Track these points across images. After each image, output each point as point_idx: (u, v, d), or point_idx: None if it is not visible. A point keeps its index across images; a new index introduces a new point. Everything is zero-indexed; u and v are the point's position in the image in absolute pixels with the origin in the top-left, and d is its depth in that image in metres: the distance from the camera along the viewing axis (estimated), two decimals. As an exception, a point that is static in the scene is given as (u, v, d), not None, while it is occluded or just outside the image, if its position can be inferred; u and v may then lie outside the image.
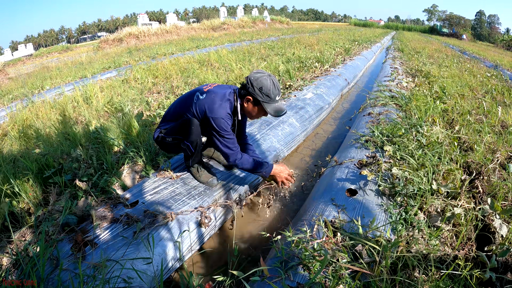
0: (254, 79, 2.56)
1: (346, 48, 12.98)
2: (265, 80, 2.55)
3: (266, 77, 2.57)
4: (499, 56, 23.07)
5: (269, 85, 2.55)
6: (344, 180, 2.93)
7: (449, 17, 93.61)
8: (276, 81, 2.61)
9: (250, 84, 2.57)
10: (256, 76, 2.57)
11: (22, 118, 5.51)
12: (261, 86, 2.54)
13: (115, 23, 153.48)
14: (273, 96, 2.59)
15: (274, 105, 2.63)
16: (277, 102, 2.66)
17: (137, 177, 3.21)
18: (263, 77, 2.57)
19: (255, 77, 2.57)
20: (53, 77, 13.07)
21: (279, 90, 2.64)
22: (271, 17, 52.92)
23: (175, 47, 19.86)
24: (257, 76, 2.57)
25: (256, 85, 2.55)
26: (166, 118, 2.95)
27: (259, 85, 2.54)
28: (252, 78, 2.57)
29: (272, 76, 2.62)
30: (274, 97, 2.60)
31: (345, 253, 1.93)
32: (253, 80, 2.56)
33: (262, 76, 2.57)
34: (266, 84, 2.54)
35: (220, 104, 2.62)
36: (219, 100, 2.64)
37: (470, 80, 7.89)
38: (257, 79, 2.56)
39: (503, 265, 2.06)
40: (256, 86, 2.55)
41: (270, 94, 2.57)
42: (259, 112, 2.74)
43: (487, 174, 3.04)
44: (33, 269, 1.88)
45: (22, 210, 2.71)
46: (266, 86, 2.54)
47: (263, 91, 2.55)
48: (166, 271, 2.26)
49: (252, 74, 2.60)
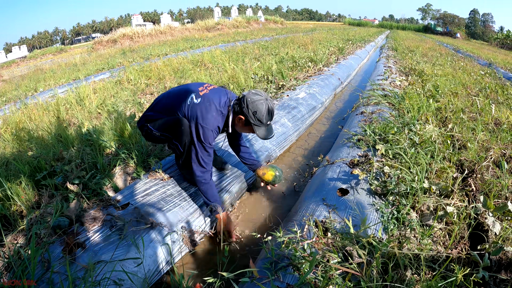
0: (250, 102, 2.52)
1: (340, 48, 12.98)
2: (260, 105, 2.52)
3: (263, 102, 2.54)
4: (493, 54, 23.24)
5: (263, 112, 2.53)
6: (336, 179, 2.92)
7: (443, 16, 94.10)
8: (272, 106, 2.60)
9: (246, 105, 2.53)
10: (253, 99, 2.53)
11: (15, 120, 5.47)
12: (256, 110, 2.51)
13: (109, 24, 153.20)
14: (265, 122, 2.57)
15: (264, 129, 2.63)
16: (268, 126, 2.65)
17: (128, 178, 3.18)
18: (260, 101, 2.53)
19: (252, 100, 2.53)
20: (47, 79, 13.05)
21: (273, 115, 2.64)
22: (265, 17, 53.10)
23: (169, 47, 19.85)
24: (254, 99, 2.53)
25: (251, 108, 2.52)
26: (155, 108, 2.85)
27: (254, 109, 2.52)
28: (248, 100, 2.53)
29: (269, 100, 2.60)
30: (266, 122, 2.58)
31: (336, 253, 1.91)
32: (249, 102, 2.52)
33: (259, 100, 2.53)
34: (261, 110, 2.52)
35: (212, 116, 2.57)
36: (213, 110, 2.59)
37: (464, 78, 7.92)
38: (253, 102, 2.52)
39: (497, 263, 2.04)
40: (251, 109, 2.52)
41: (263, 119, 2.55)
42: (248, 130, 2.73)
43: (480, 172, 3.04)
44: (24, 272, 1.86)
45: (14, 213, 2.68)
46: (260, 111, 2.52)
47: (256, 116, 2.52)
48: (156, 273, 2.24)
49: (250, 95, 2.56)
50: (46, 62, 26.88)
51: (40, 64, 25.87)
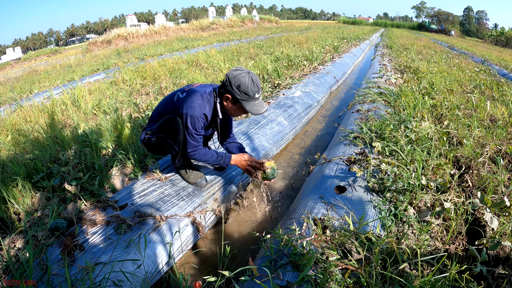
0: (232, 77, 2.49)
1: (335, 46, 12.99)
2: (243, 78, 2.48)
3: (245, 74, 2.49)
4: (487, 51, 23.29)
5: (247, 83, 2.47)
6: (333, 177, 2.92)
7: (437, 14, 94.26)
8: (256, 78, 2.54)
9: (228, 82, 2.50)
10: (234, 74, 2.50)
11: (10, 122, 5.44)
12: (239, 84, 2.47)
13: (104, 24, 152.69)
14: (251, 94, 2.50)
15: (253, 103, 2.56)
16: (256, 100, 2.58)
17: (126, 179, 3.17)
18: (241, 74, 2.49)
19: (233, 75, 2.50)
20: (42, 81, 12.96)
21: (259, 87, 2.56)
22: (260, 16, 53.06)
23: (163, 48, 19.77)
24: (235, 74, 2.50)
25: (234, 83, 2.48)
26: (151, 120, 2.91)
27: (237, 83, 2.47)
28: (230, 76, 2.50)
29: (252, 73, 2.54)
30: (253, 94, 2.51)
31: (335, 250, 1.92)
32: (231, 77, 2.49)
33: (241, 74, 2.49)
34: (244, 82, 2.47)
35: (198, 103, 2.56)
36: (197, 99, 2.58)
37: (459, 75, 7.95)
38: (235, 77, 2.48)
39: (494, 258, 2.06)
40: (234, 84, 2.48)
41: (249, 91, 2.49)
42: (239, 110, 2.66)
43: (476, 168, 3.05)
44: (22, 275, 1.85)
45: (11, 215, 2.67)
46: (244, 83, 2.47)
47: (241, 89, 2.48)
48: (156, 273, 2.24)
49: (231, 72, 2.53)
50: (40, 64, 26.71)
51: (34, 66, 25.71)
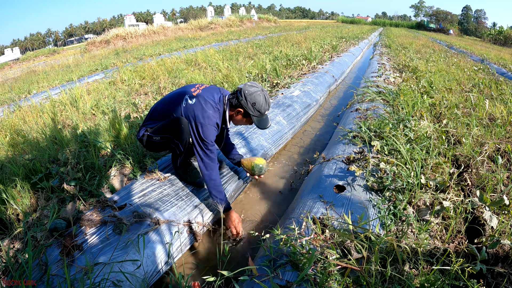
0: (248, 94, 2.60)
1: (333, 45, 12.98)
2: (258, 96, 2.61)
3: (260, 93, 2.63)
4: (486, 50, 23.33)
5: (262, 102, 2.62)
6: (332, 176, 2.92)
7: (436, 13, 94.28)
8: (268, 97, 2.69)
9: (244, 97, 2.60)
10: (250, 91, 2.61)
11: (9, 123, 5.43)
12: (255, 102, 2.60)
13: (102, 25, 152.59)
14: (263, 112, 2.67)
15: (262, 119, 2.72)
16: (265, 116, 2.75)
17: (125, 179, 3.16)
18: (257, 92, 2.62)
19: (250, 92, 2.60)
20: (40, 81, 12.95)
21: (269, 105, 2.72)
22: (259, 16, 53.07)
23: (162, 47, 19.77)
24: (252, 91, 2.61)
25: (249, 100, 2.60)
26: (152, 117, 2.90)
27: (253, 100, 2.60)
28: (246, 92, 2.60)
29: (265, 91, 2.69)
30: (264, 112, 2.68)
31: (334, 249, 1.91)
32: (247, 94, 2.60)
33: (256, 92, 2.62)
34: (259, 101, 2.61)
35: (209, 114, 2.62)
36: (209, 108, 2.64)
37: (458, 74, 7.95)
38: (251, 94, 2.60)
39: (494, 256, 2.06)
40: (250, 101, 2.60)
41: (262, 110, 2.64)
42: (246, 122, 2.82)
43: (475, 166, 3.05)
44: (22, 276, 1.85)
45: (10, 216, 2.66)
46: (259, 102, 2.61)
47: (255, 107, 2.61)
48: (155, 273, 2.23)
49: (247, 88, 2.63)
50: (39, 64, 26.68)
51: (33, 66, 25.69)
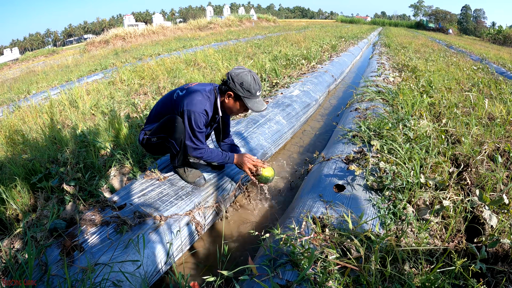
0: (235, 75, 2.59)
1: (332, 45, 12.99)
2: (245, 76, 2.58)
3: (247, 73, 2.60)
4: (485, 50, 23.33)
5: (249, 81, 2.58)
6: (332, 176, 2.92)
7: (435, 12, 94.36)
8: (257, 77, 2.66)
9: (231, 80, 2.60)
10: (236, 72, 2.60)
11: (8, 123, 5.43)
12: (242, 81, 2.57)
13: (101, 25, 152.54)
14: (253, 91, 2.62)
15: (254, 100, 2.66)
16: (257, 98, 2.69)
17: (124, 179, 3.16)
18: (244, 72, 2.60)
19: (236, 73, 2.60)
20: (39, 81, 12.95)
21: (260, 85, 2.67)
22: (258, 16, 52.99)
23: (161, 47, 19.76)
24: (238, 72, 2.60)
25: (237, 80, 2.58)
26: (150, 120, 2.93)
27: (240, 80, 2.57)
28: (233, 74, 2.60)
29: (253, 72, 2.65)
30: (255, 92, 2.63)
31: (334, 249, 1.91)
32: (234, 75, 2.59)
33: (243, 72, 2.60)
34: (247, 80, 2.58)
35: (198, 100, 2.64)
36: (197, 96, 2.66)
37: (457, 73, 7.96)
38: (237, 75, 2.59)
39: (494, 255, 2.06)
40: (237, 82, 2.58)
41: (251, 89, 2.60)
42: (239, 108, 2.76)
43: (475, 166, 3.05)
44: (22, 276, 1.84)
45: (10, 216, 2.66)
46: (247, 81, 2.57)
47: (244, 86, 2.58)
48: (155, 273, 2.23)
49: (233, 70, 2.63)
50: (38, 64, 26.67)
51: (32, 66, 25.69)
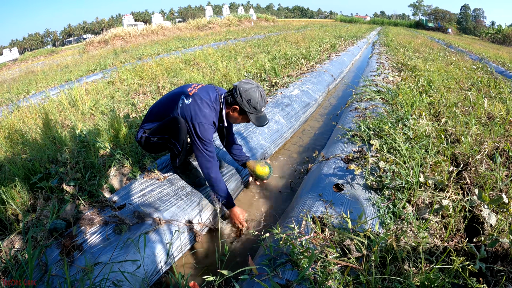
0: (243, 90, 2.59)
1: (332, 44, 12.99)
2: (253, 93, 2.59)
3: (255, 89, 2.61)
4: (484, 49, 23.37)
5: (257, 98, 2.60)
6: (332, 175, 2.92)
7: (434, 12, 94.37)
8: (264, 93, 2.67)
9: (239, 95, 2.59)
10: (245, 88, 2.59)
11: (8, 123, 5.42)
12: (250, 98, 2.58)
13: (100, 24, 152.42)
14: (259, 108, 2.64)
15: (259, 116, 2.70)
16: (262, 113, 2.72)
17: (124, 179, 3.16)
18: (252, 89, 2.59)
19: (245, 88, 2.59)
20: (39, 81, 12.91)
21: (265, 101, 2.70)
22: (257, 15, 52.95)
23: (161, 47, 19.74)
24: (246, 88, 2.59)
25: (244, 96, 2.58)
26: (149, 118, 2.91)
27: (248, 97, 2.58)
28: (241, 89, 2.59)
29: (260, 88, 2.65)
30: (260, 109, 2.66)
31: (334, 248, 1.92)
32: (242, 91, 2.59)
33: (251, 88, 2.60)
34: (254, 97, 2.59)
35: (205, 113, 2.62)
36: (204, 108, 2.64)
37: (456, 73, 7.96)
38: (246, 91, 2.58)
39: (493, 255, 2.06)
40: (245, 98, 2.58)
41: (257, 106, 2.62)
42: (243, 120, 2.80)
43: (474, 165, 3.05)
44: (22, 276, 1.84)
45: (10, 217, 2.66)
46: (254, 99, 2.59)
47: (251, 103, 2.60)
48: (155, 273, 2.23)
49: (241, 85, 2.62)
50: (37, 64, 26.64)
51: (31, 66, 25.64)
